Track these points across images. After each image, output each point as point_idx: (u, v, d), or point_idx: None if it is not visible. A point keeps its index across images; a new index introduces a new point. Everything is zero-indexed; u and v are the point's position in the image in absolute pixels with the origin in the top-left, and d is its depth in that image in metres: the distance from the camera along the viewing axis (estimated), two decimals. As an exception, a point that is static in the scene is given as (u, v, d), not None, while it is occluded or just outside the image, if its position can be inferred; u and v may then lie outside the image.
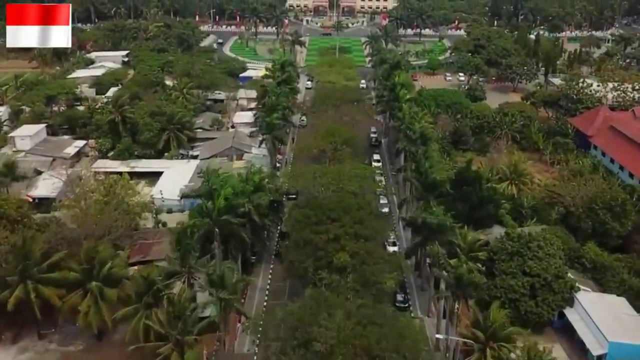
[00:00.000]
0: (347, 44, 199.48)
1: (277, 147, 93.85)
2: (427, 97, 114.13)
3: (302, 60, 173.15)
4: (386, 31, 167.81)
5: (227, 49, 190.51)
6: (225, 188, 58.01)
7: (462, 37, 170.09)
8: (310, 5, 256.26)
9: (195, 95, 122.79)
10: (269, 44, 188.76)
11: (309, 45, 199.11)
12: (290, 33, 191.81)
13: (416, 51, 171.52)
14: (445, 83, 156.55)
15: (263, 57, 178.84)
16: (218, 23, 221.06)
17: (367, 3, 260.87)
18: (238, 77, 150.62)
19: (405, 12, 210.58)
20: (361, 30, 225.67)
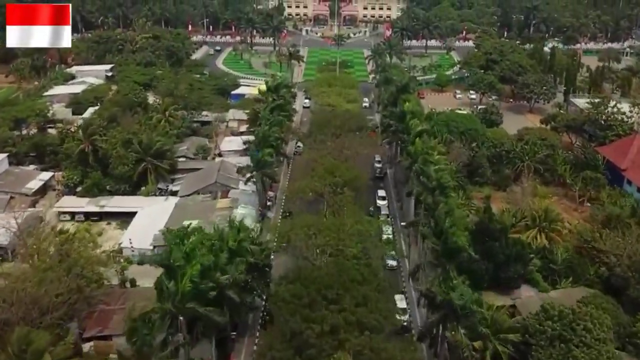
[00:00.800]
0: (349, 56, 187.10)
1: (268, 184, 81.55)
2: (438, 123, 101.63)
3: (300, 74, 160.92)
4: (390, 44, 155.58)
5: (220, 61, 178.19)
6: (193, 265, 45.54)
7: (473, 52, 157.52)
8: (310, 14, 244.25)
9: (179, 117, 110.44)
10: (265, 56, 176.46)
11: (308, 57, 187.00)
12: (289, 45, 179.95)
13: (423, 66, 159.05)
14: (455, 101, 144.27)
15: (258, 71, 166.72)
16: (212, 33, 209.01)
17: (369, 12, 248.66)
18: (229, 94, 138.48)
19: (411, 22, 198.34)
20: (363, 41, 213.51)
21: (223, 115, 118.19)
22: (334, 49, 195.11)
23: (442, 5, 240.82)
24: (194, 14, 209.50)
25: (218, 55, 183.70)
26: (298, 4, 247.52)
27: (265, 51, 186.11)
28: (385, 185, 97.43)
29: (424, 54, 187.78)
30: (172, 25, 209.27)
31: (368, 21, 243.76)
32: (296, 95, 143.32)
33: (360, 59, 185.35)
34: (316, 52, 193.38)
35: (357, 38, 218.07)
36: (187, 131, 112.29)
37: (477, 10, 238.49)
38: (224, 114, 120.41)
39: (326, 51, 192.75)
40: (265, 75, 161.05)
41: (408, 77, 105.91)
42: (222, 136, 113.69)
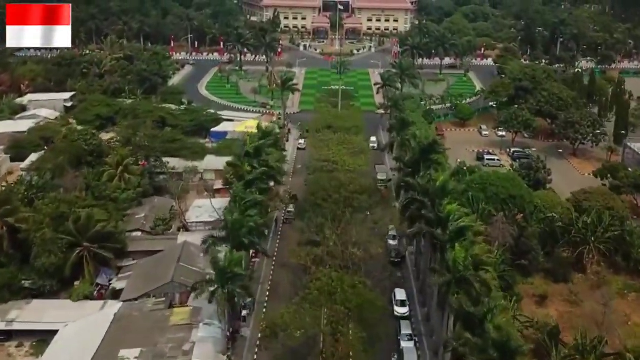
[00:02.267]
0: (352, 78, 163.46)
1: (239, 304, 57.39)
2: (473, 187, 77.59)
3: (295, 103, 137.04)
4: (401, 67, 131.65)
5: (202, 86, 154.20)
6: None
7: (498, 78, 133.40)
8: (308, 26, 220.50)
9: (138, 173, 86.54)
10: (257, 79, 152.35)
11: (305, 79, 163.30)
12: (284, 63, 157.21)
13: (441, 96, 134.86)
14: (481, 139, 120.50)
15: (247, 98, 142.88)
16: (198, 50, 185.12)
17: (374, 24, 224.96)
18: (209, 132, 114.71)
19: (422, 38, 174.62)
20: (369, 58, 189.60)
21: (195, 167, 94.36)
22: (335, 70, 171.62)
23: (454, 17, 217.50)
24: (177, 28, 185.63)
25: (201, 78, 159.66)
26: (296, 16, 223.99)
27: (258, 71, 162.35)
28: (404, 272, 73.42)
29: (438, 75, 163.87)
30: (153, 41, 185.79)
31: (373, 34, 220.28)
32: (290, 132, 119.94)
33: (365, 81, 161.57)
34: (315, 73, 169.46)
35: (361, 55, 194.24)
36: (149, 188, 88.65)
37: (494, 23, 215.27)
38: (198, 163, 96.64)
39: (326, 72, 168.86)
40: (255, 105, 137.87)
41: (433, 134, 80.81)
42: (194, 194, 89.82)
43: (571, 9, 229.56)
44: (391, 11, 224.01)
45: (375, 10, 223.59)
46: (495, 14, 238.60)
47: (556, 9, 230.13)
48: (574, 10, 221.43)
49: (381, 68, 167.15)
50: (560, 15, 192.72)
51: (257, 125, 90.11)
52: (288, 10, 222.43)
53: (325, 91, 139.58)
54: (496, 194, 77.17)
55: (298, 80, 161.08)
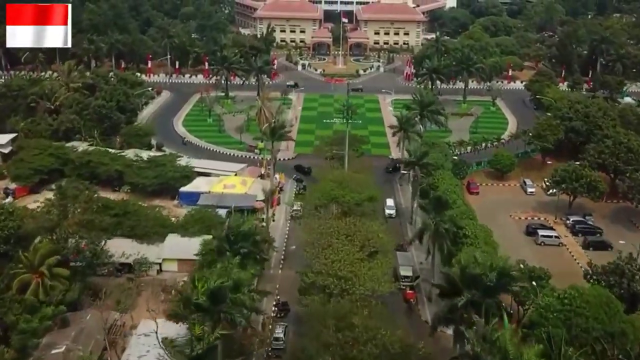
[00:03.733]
0: (359, 105, 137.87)
1: None
2: (550, 318, 51.94)
3: (290, 146, 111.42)
4: (422, 103, 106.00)
5: (179, 120, 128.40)
6: None
7: (545, 119, 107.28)
8: (308, 41, 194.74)
9: (64, 281, 61.17)
10: (245, 111, 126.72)
11: (303, 108, 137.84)
12: (279, 86, 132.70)
13: (474, 142, 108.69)
14: (526, 199, 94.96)
15: (230, 138, 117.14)
16: (179, 71, 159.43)
17: (382, 38, 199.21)
18: (178, 193, 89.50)
19: (440, 58, 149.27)
20: (377, 79, 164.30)
21: (146, 259, 69.09)
22: (340, 95, 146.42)
23: (473, 30, 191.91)
24: (155, 44, 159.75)
25: (178, 110, 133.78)
26: (294, 28, 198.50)
27: (248, 98, 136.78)
28: None
29: (461, 105, 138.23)
30: (128, 60, 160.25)
31: (380, 49, 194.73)
32: (282, 189, 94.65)
33: (375, 112, 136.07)
34: (315, 100, 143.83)
35: (368, 76, 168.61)
36: (85, 291, 63.51)
37: (518, 38, 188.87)
38: (157, 247, 71.42)
39: (328, 99, 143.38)
40: (241, 147, 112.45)
41: (506, 263, 53.86)
42: (148, 297, 64.21)
43: (600, 20, 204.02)
44: (401, 23, 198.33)
45: (383, 23, 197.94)
46: (517, 25, 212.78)
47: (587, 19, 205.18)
48: (603, 22, 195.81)
49: (392, 91, 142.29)
50: (598, 29, 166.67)
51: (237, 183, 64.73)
52: (285, 22, 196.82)
53: (327, 125, 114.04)
54: (585, 329, 51.64)
55: (295, 108, 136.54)
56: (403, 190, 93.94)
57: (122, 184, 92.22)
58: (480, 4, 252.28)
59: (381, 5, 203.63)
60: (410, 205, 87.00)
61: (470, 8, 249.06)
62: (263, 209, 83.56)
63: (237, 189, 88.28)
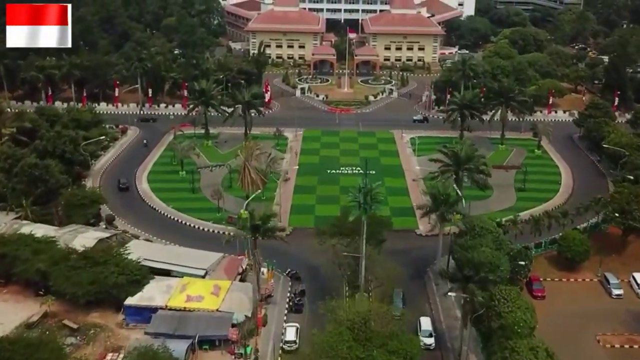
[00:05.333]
0: (370, 148, 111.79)
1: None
2: None
3: (284, 216, 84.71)
4: (458, 160, 79.37)
5: (146, 169, 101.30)
6: None
7: (630, 186, 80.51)
8: (308, 57, 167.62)
9: None
10: (233, 152, 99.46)
11: (302, 149, 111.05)
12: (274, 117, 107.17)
13: (534, 219, 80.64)
14: (612, 305, 68.16)
15: (207, 203, 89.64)
16: (152, 100, 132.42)
17: (393, 54, 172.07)
18: (123, 306, 62.80)
19: (468, 82, 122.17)
20: (391, 107, 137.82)
21: None
22: (347, 130, 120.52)
23: (500, 44, 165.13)
24: (125, 66, 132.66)
25: (145, 156, 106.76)
26: (291, 43, 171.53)
27: (232, 138, 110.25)
28: None
29: (499, 147, 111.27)
30: (91, 86, 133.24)
31: (392, 67, 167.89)
32: (270, 295, 68.16)
33: (392, 156, 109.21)
34: (316, 139, 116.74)
35: (379, 103, 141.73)
36: None
37: (552, 55, 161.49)
38: None
39: (333, 138, 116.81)
40: (219, 216, 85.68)
41: None
42: None
43: (637, 29, 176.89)
44: (415, 37, 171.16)
45: (394, 37, 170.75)
46: (548, 38, 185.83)
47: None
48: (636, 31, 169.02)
49: (408, 122, 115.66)
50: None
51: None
52: (281, 36, 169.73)
53: (332, 178, 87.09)
54: None
55: (292, 150, 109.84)
56: (442, 300, 67.05)
57: (48, 289, 65.60)
58: (499, 11, 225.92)
59: (392, 15, 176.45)
60: (456, 330, 60.36)
61: (488, 15, 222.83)
62: (240, 341, 57.18)
63: (205, 302, 61.66)
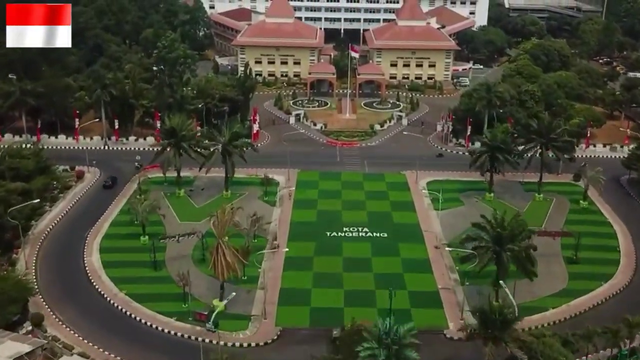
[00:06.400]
0: (377, 196, 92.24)
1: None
2: None
3: (270, 309, 64.74)
4: (499, 240, 59.77)
5: (101, 232, 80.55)
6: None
7: None
8: (304, 75, 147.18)
9: None
10: (210, 218, 79.46)
11: (295, 198, 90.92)
12: (263, 155, 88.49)
13: (611, 332, 60.55)
14: None
15: (173, 287, 68.82)
16: (120, 131, 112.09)
17: (400, 71, 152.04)
18: None
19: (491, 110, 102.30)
20: (401, 137, 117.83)
21: None
22: (351, 172, 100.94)
23: (521, 61, 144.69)
24: (85, 95, 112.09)
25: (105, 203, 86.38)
26: (285, 59, 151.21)
27: (214, 185, 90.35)
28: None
29: (536, 196, 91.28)
30: (47, 116, 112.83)
31: (399, 86, 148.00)
32: None
33: (405, 207, 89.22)
34: (313, 185, 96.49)
35: (387, 133, 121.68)
36: None
37: (582, 74, 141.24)
38: None
39: (334, 183, 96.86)
40: (185, 310, 65.51)
41: None
42: None
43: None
44: (425, 52, 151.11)
45: (402, 52, 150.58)
46: (572, 50, 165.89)
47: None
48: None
49: (422, 160, 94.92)
50: None
51: None
52: (274, 52, 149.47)
53: (333, 244, 67.56)
54: None
55: (283, 202, 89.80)
56: None
57: None
58: (513, 20, 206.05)
59: (398, 28, 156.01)
60: None
61: (500, 23, 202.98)
62: None
63: None
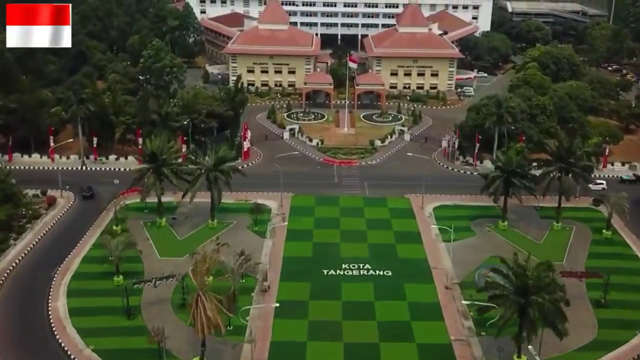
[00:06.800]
0: (379, 224, 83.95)
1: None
2: None
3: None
4: (520, 285, 51.37)
5: (66, 276, 71.02)
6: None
7: None
8: (299, 85, 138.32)
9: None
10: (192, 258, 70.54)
11: (288, 228, 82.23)
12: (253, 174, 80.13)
13: None
14: None
15: (149, 345, 60.09)
16: (98, 154, 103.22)
17: (401, 80, 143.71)
18: None
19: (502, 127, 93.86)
20: (403, 155, 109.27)
21: None
22: (350, 196, 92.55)
23: (529, 71, 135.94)
24: (62, 110, 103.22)
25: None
26: (279, 68, 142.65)
27: (199, 212, 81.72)
28: None
29: (554, 225, 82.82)
30: (19, 134, 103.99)
31: (399, 97, 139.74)
32: None
33: (410, 238, 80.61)
34: (309, 211, 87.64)
35: (388, 151, 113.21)
36: None
37: (595, 84, 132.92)
38: None
39: (332, 209, 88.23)
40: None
41: None
42: None
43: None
44: (428, 61, 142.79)
45: (403, 60, 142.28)
46: (580, 57, 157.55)
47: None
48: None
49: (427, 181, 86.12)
50: None
51: None
52: (267, 60, 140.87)
53: (331, 283, 59.24)
54: None
55: (274, 234, 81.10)
56: None
57: None
58: (517, 25, 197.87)
59: (399, 34, 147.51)
60: None
61: (503, 28, 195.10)
62: None
63: None
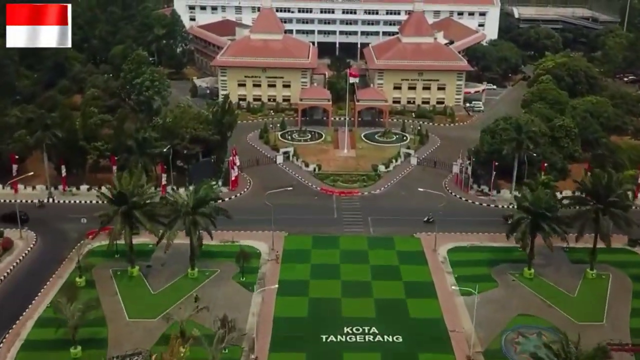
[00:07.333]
0: (387, 271, 72.67)
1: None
2: None
3: None
4: None
5: (13, 347, 60.12)
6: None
7: None
8: (294, 100, 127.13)
9: None
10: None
11: (279, 284, 70.56)
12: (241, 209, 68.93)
13: None
14: None
15: None
16: (67, 184, 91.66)
17: (405, 95, 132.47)
18: None
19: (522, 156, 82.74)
20: (410, 183, 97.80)
21: None
22: (351, 236, 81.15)
23: (544, 84, 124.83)
24: (26, 135, 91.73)
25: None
26: (273, 82, 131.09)
27: (178, 258, 70.30)
28: None
29: (588, 273, 71.64)
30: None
31: (403, 112, 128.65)
32: None
33: (422, 291, 69.11)
34: (304, 253, 76.04)
35: (393, 176, 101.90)
36: None
37: (616, 99, 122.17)
38: None
39: (331, 252, 76.68)
40: None
41: None
42: None
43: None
44: (434, 73, 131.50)
45: (407, 73, 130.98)
46: (596, 68, 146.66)
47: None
48: None
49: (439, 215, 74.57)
50: None
51: None
52: (260, 73, 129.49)
53: (330, 350, 47.56)
54: None
55: (266, 277, 69.76)
56: None
57: None
58: (525, 32, 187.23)
59: (403, 45, 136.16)
60: None
61: (509, 35, 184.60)
62: None
63: None
